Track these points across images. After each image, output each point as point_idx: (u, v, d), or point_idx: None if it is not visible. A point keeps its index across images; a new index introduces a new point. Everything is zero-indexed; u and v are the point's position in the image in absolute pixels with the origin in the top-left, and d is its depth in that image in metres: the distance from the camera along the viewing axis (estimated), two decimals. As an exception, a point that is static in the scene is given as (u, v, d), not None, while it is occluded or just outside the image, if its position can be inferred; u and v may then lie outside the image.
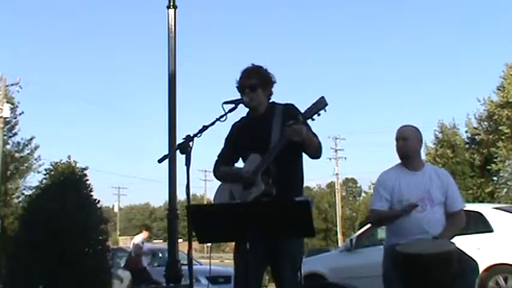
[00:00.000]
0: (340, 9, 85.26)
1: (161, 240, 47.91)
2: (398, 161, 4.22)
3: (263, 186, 3.39)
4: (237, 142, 3.74)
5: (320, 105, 3.38)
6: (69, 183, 8.20)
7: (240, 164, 3.74)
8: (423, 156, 4.43)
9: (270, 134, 3.52)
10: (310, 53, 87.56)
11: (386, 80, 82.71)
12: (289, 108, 3.59)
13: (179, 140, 3.32)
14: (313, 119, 3.41)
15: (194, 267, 3.47)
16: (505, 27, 72.78)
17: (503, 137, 26.59)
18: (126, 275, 11.68)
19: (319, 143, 3.56)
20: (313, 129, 3.55)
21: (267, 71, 3.71)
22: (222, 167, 3.75)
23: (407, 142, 4.11)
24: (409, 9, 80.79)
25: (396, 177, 4.09)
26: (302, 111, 3.46)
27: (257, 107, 3.66)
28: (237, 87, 3.68)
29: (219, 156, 3.84)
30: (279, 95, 3.77)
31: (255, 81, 3.62)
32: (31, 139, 26.62)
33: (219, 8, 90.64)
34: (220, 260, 29.87)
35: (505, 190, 28.25)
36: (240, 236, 3.04)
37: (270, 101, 3.73)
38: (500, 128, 26.71)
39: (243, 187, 3.48)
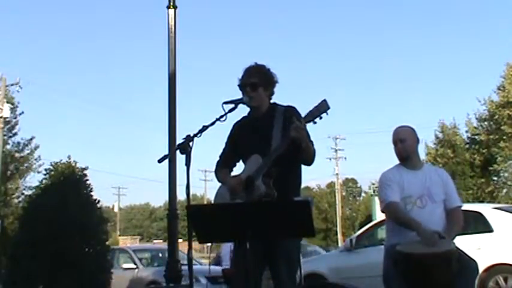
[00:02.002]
0: (340, 9, 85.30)
1: (161, 240, 47.90)
2: (398, 161, 4.24)
3: (264, 188, 3.38)
4: (238, 142, 3.73)
5: (322, 108, 3.37)
6: (69, 183, 8.19)
7: (240, 164, 3.75)
8: (423, 156, 4.44)
9: (271, 136, 3.51)
10: (310, 53, 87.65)
11: (386, 80, 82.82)
12: (290, 111, 3.58)
13: (179, 140, 3.33)
14: (315, 122, 3.40)
15: (194, 267, 3.48)
16: (505, 27, 72.82)
17: (504, 137, 26.51)
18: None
19: (314, 151, 3.55)
20: (314, 132, 3.56)
21: (270, 70, 3.70)
22: (222, 171, 3.76)
23: (404, 144, 4.12)
24: (409, 10, 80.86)
25: (399, 175, 4.12)
26: (304, 113, 3.45)
27: (258, 106, 3.66)
28: (238, 85, 3.67)
29: (220, 157, 3.84)
30: (279, 95, 3.78)
31: (256, 80, 3.61)
32: (31, 139, 26.72)
33: (219, 8, 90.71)
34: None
35: (505, 190, 28.25)
36: (239, 236, 3.04)
37: (272, 101, 3.72)
38: (502, 127, 26.60)
39: (244, 189, 3.47)
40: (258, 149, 3.52)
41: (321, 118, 3.38)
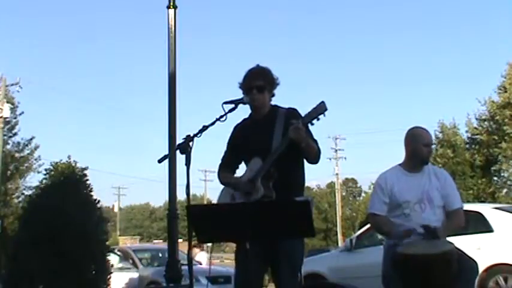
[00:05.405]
0: (340, 9, 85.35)
1: (161, 240, 47.90)
2: (399, 161, 4.23)
3: (262, 190, 3.40)
4: (239, 144, 3.75)
5: (320, 110, 3.40)
6: (69, 183, 8.18)
7: (242, 167, 3.75)
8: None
9: (272, 138, 3.53)
10: (310, 53, 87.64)
11: (386, 80, 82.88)
12: (292, 113, 3.60)
13: (179, 140, 3.33)
14: (312, 124, 3.43)
15: (194, 267, 3.48)
16: (505, 27, 72.80)
17: (506, 138, 26.37)
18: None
19: (318, 149, 3.57)
20: (314, 133, 3.58)
21: (272, 72, 3.72)
22: (224, 173, 3.77)
23: (431, 149, 4.23)
24: (409, 10, 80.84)
25: (395, 180, 4.09)
26: (303, 114, 3.48)
27: (260, 108, 3.67)
28: (240, 86, 3.67)
29: (222, 160, 3.85)
30: (279, 95, 3.78)
31: (262, 83, 3.63)
32: (31, 139, 26.68)
33: (219, 8, 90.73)
34: (220, 260, 29.91)
35: (505, 190, 28.21)
36: (240, 236, 3.04)
37: (272, 103, 3.73)
38: (504, 128, 26.47)
39: (244, 192, 3.50)
40: (259, 151, 3.53)
41: (318, 120, 3.41)
